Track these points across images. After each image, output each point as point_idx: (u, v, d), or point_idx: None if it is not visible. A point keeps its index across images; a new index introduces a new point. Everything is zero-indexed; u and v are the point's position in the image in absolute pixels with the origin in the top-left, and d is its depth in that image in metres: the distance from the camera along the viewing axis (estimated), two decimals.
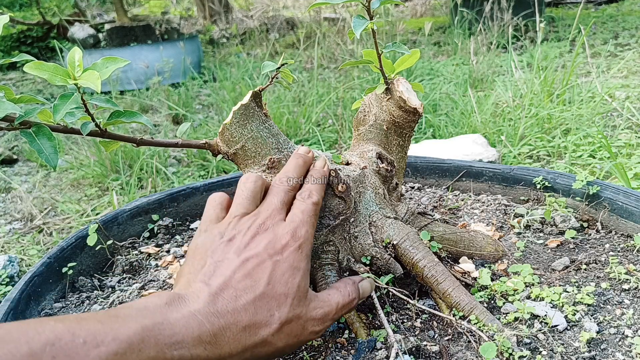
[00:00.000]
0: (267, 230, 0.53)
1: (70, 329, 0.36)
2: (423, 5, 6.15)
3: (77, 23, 4.76)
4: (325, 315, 0.53)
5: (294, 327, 0.49)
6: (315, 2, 0.65)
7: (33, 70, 0.54)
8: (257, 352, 0.47)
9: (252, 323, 0.46)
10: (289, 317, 0.49)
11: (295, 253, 0.51)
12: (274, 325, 0.47)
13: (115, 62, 0.58)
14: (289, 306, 0.49)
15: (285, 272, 0.49)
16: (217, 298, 0.46)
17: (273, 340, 0.47)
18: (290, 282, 0.49)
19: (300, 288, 0.50)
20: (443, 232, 0.79)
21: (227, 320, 0.45)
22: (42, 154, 0.57)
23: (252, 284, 0.48)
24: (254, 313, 0.46)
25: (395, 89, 0.74)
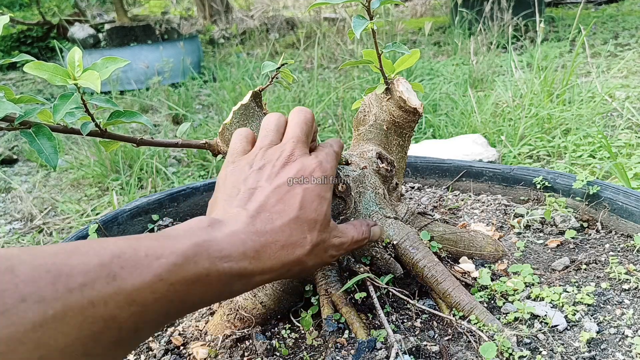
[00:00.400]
0: (295, 160, 0.56)
1: (131, 244, 0.39)
2: (423, 5, 6.15)
3: (77, 23, 4.76)
4: (342, 244, 0.58)
5: (320, 250, 0.54)
6: (315, 2, 0.65)
7: (33, 70, 0.55)
8: (292, 269, 0.51)
9: (289, 243, 0.50)
10: (318, 240, 0.53)
11: (322, 184, 0.55)
12: (306, 247, 0.51)
13: (115, 62, 0.58)
14: (317, 231, 0.53)
15: (315, 200, 0.53)
16: (255, 220, 0.49)
17: (305, 259, 0.52)
18: (318, 209, 0.53)
19: (326, 215, 0.54)
20: (443, 232, 0.79)
21: (266, 239, 0.48)
22: (42, 154, 0.57)
23: (286, 208, 0.51)
24: (290, 234, 0.50)
25: (395, 89, 0.74)
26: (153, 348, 0.68)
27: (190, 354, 0.66)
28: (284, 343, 0.66)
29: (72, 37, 4.33)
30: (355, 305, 0.68)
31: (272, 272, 0.49)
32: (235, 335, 0.66)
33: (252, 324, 0.68)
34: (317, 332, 0.67)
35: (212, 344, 0.67)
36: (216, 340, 0.67)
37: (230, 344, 0.66)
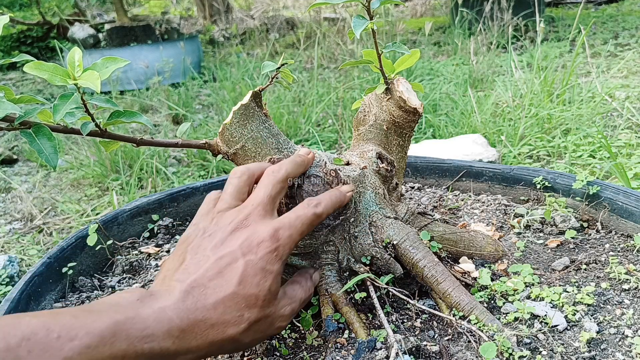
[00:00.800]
0: (247, 226, 0.53)
1: (45, 324, 0.38)
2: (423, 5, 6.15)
3: (77, 23, 4.76)
4: (292, 311, 0.55)
5: (262, 325, 0.51)
6: (315, 2, 0.65)
7: (33, 70, 0.54)
8: (224, 347, 0.49)
9: (221, 322, 0.47)
10: (258, 317, 0.50)
11: (270, 255, 0.51)
12: (242, 325, 0.48)
13: (115, 62, 0.58)
14: (258, 307, 0.49)
15: (257, 274, 0.50)
16: (187, 295, 0.47)
17: (240, 337, 0.49)
18: (261, 284, 0.50)
19: (270, 291, 0.51)
20: (443, 232, 0.79)
21: (195, 317, 0.46)
22: (42, 154, 0.57)
23: (223, 283, 0.48)
24: (223, 312, 0.47)
25: (395, 89, 0.74)
26: None
27: None
28: (284, 343, 0.66)
29: (72, 37, 4.33)
30: (355, 305, 0.68)
31: (198, 351, 0.46)
32: None
33: None
34: (317, 332, 0.67)
35: None
36: None
37: None
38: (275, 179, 0.58)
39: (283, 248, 0.53)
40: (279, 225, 0.53)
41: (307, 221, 0.56)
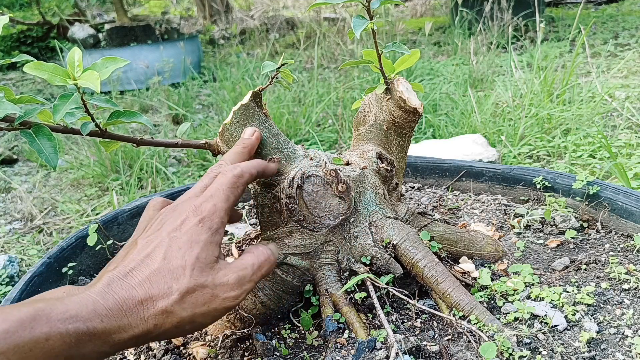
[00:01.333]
0: (175, 211, 0.55)
1: None
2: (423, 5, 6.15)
3: (77, 23, 4.76)
4: (241, 279, 0.53)
5: (200, 296, 0.50)
6: (315, 2, 0.65)
7: (33, 70, 0.55)
8: (160, 322, 0.48)
9: (149, 296, 0.48)
10: (190, 287, 0.49)
11: (195, 227, 0.52)
12: (173, 296, 0.48)
13: (114, 62, 0.58)
14: (188, 277, 0.49)
15: (183, 246, 0.51)
16: (112, 280, 0.48)
17: (175, 309, 0.48)
18: (187, 254, 0.50)
19: (200, 259, 0.51)
20: (443, 232, 0.79)
21: (121, 296, 0.47)
22: (42, 154, 0.57)
23: (149, 262, 0.50)
24: (150, 287, 0.48)
25: (395, 89, 0.74)
26: (153, 348, 0.68)
27: (190, 354, 0.66)
28: (284, 343, 0.66)
29: (72, 37, 4.33)
30: (355, 305, 0.68)
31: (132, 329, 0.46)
32: (235, 335, 0.66)
33: (252, 323, 0.68)
34: (317, 332, 0.67)
35: (212, 344, 0.67)
36: (216, 340, 0.67)
37: (230, 344, 0.66)
38: (212, 173, 0.60)
39: (209, 218, 0.53)
40: (201, 200, 0.55)
41: (228, 185, 0.57)
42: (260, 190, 0.69)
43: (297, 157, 0.70)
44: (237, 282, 0.53)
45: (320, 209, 0.67)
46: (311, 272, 0.70)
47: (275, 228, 0.70)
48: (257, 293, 0.69)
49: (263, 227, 0.72)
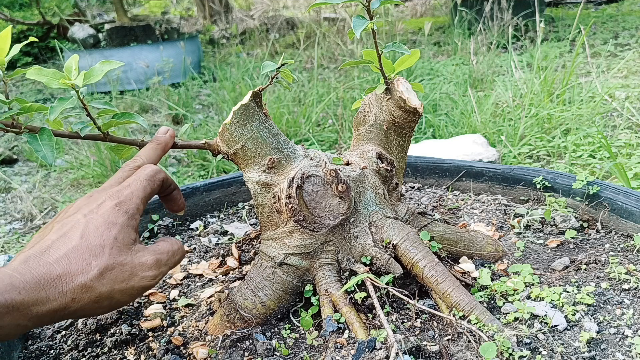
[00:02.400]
0: (90, 197, 0.58)
1: None
2: (423, 5, 6.15)
3: (77, 23, 4.76)
4: (158, 261, 0.57)
5: (119, 273, 0.53)
6: (315, 2, 0.65)
7: (34, 75, 0.58)
8: (79, 297, 0.50)
9: (67, 272, 0.49)
10: (110, 264, 0.52)
11: (112, 210, 0.55)
12: (92, 272, 0.51)
13: (109, 64, 0.61)
14: (107, 255, 0.52)
15: (100, 226, 0.53)
16: (30, 258, 0.50)
17: (94, 285, 0.51)
18: (105, 234, 0.53)
19: (118, 240, 0.54)
20: (443, 232, 0.79)
21: (38, 271, 0.48)
22: (39, 152, 0.58)
23: (66, 240, 0.52)
24: (68, 263, 0.50)
25: (395, 89, 0.74)
26: (153, 348, 0.68)
27: (190, 354, 0.66)
28: (284, 343, 0.66)
29: (72, 37, 4.33)
30: (355, 305, 0.68)
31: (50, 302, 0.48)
32: (235, 335, 0.66)
33: (252, 324, 0.68)
34: (317, 332, 0.67)
35: (212, 344, 0.67)
36: (216, 340, 0.67)
37: (230, 344, 0.66)
38: (127, 167, 0.63)
39: (127, 203, 0.57)
40: (120, 187, 0.59)
41: (147, 177, 0.61)
42: (260, 190, 0.69)
43: (297, 157, 0.70)
44: (154, 263, 0.56)
45: (320, 209, 0.67)
46: (311, 272, 0.70)
47: (275, 228, 0.70)
48: (257, 293, 0.69)
49: (263, 227, 0.72)
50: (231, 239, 0.98)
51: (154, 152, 0.66)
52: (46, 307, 0.48)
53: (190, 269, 0.88)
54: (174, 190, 0.68)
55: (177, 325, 0.73)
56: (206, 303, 0.77)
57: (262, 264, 0.70)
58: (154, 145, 0.67)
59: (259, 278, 0.69)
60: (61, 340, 0.72)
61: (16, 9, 5.76)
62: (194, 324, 0.72)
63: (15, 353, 0.70)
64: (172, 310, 0.77)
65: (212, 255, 0.92)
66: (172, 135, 0.69)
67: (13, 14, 5.52)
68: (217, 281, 0.83)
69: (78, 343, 0.70)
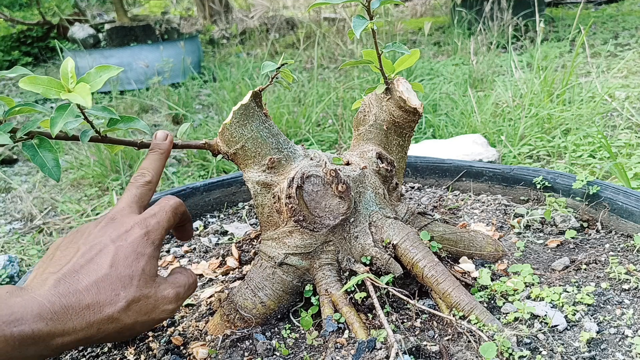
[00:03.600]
0: (114, 220, 0.57)
1: None
2: (423, 5, 6.15)
3: (77, 23, 4.76)
4: (177, 295, 0.57)
5: (144, 306, 0.53)
6: (315, 2, 0.65)
7: (28, 85, 0.55)
8: (104, 328, 0.50)
9: (96, 302, 0.49)
10: (137, 296, 0.52)
11: (141, 239, 0.55)
12: (120, 304, 0.50)
13: (108, 71, 0.59)
14: (135, 287, 0.52)
15: (129, 256, 0.53)
16: (59, 283, 0.49)
17: (120, 317, 0.50)
18: (134, 265, 0.53)
19: (145, 271, 0.53)
20: (443, 232, 0.79)
21: (68, 300, 0.47)
22: (44, 168, 0.57)
23: (95, 267, 0.51)
24: (97, 293, 0.49)
25: (395, 89, 0.74)
26: (153, 348, 0.68)
27: (190, 354, 0.66)
28: (284, 343, 0.66)
29: (72, 37, 4.33)
30: (355, 305, 0.68)
31: (76, 333, 0.47)
32: (235, 335, 0.66)
33: (252, 324, 0.68)
34: (317, 332, 0.67)
35: (212, 344, 0.67)
36: (216, 340, 0.67)
37: (230, 344, 0.66)
38: (138, 183, 0.63)
39: (154, 233, 0.56)
40: (147, 216, 0.58)
41: (171, 208, 0.61)
42: (260, 190, 0.69)
43: (297, 157, 0.70)
44: (174, 297, 0.56)
45: (320, 209, 0.67)
46: (311, 272, 0.70)
47: (275, 228, 0.70)
48: (257, 293, 0.69)
49: (263, 227, 0.72)
50: (231, 239, 0.98)
51: (159, 162, 0.66)
52: (71, 337, 0.47)
53: (190, 269, 0.88)
54: (187, 223, 0.68)
55: (177, 325, 0.73)
56: (206, 303, 0.77)
57: (262, 264, 0.70)
58: (157, 155, 0.67)
59: (259, 278, 0.69)
60: None
61: (16, 9, 5.76)
62: (194, 324, 0.72)
63: None
64: None
65: (212, 255, 0.92)
66: (171, 141, 0.69)
67: (13, 14, 5.52)
68: (217, 281, 0.83)
69: None
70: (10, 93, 4.21)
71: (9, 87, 4.42)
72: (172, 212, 0.61)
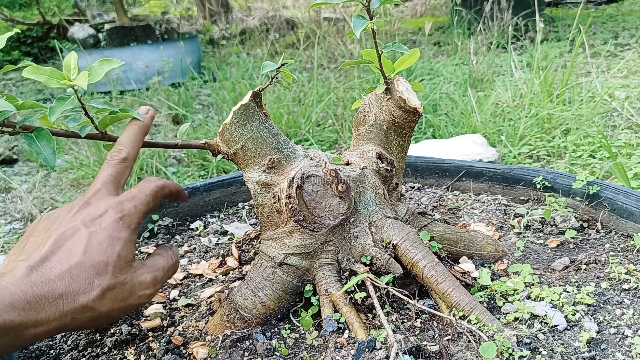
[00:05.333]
0: (89, 205, 0.54)
1: None
2: (423, 5, 6.15)
3: (77, 23, 4.76)
4: (155, 279, 0.55)
5: (120, 293, 0.51)
6: (315, 2, 0.65)
7: (31, 74, 0.55)
8: (78, 317, 0.48)
9: (69, 291, 0.47)
10: (112, 283, 0.50)
11: (116, 224, 0.53)
12: (94, 292, 0.48)
13: (109, 64, 0.59)
14: (110, 274, 0.50)
15: (103, 242, 0.51)
16: (32, 271, 0.47)
17: (95, 305, 0.49)
18: (109, 250, 0.51)
19: (121, 257, 0.52)
20: (443, 232, 0.79)
21: (41, 290, 0.46)
22: (40, 154, 0.57)
23: (68, 255, 0.49)
24: (71, 281, 0.48)
25: (395, 89, 0.74)
26: (153, 348, 0.68)
27: (190, 354, 0.66)
28: (284, 343, 0.66)
29: (72, 37, 4.33)
30: (355, 305, 0.68)
31: (49, 323, 0.46)
32: (235, 335, 0.66)
33: (252, 324, 0.68)
34: (317, 332, 0.67)
35: (212, 344, 0.67)
36: (216, 340, 0.67)
37: (230, 344, 0.66)
38: (114, 161, 0.59)
39: (129, 217, 0.54)
40: (123, 199, 0.55)
41: (151, 191, 0.59)
42: (260, 190, 0.69)
43: (297, 157, 0.70)
44: (152, 282, 0.55)
45: (320, 209, 0.67)
46: (311, 272, 0.70)
47: (275, 228, 0.70)
48: (257, 293, 0.69)
49: (263, 227, 0.72)
50: (231, 239, 0.98)
51: (136, 137, 0.62)
52: (44, 327, 0.46)
53: (190, 269, 0.88)
54: (177, 193, 0.66)
55: (177, 325, 0.73)
56: (206, 303, 0.77)
57: (262, 264, 0.70)
58: (135, 128, 0.63)
59: (259, 278, 0.69)
60: (61, 340, 0.72)
61: (16, 9, 5.76)
62: (194, 324, 0.72)
63: (14, 353, 0.70)
64: (172, 310, 0.77)
65: (212, 255, 0.92)
66: (152, 116, 0.65)
67: (13, 14, 5.52)
68: (217, 281, 0.83)
69: (78, 343, 0.70)
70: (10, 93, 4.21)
71: (9, 87, 4.42)
72: (151, 195, 0.58)
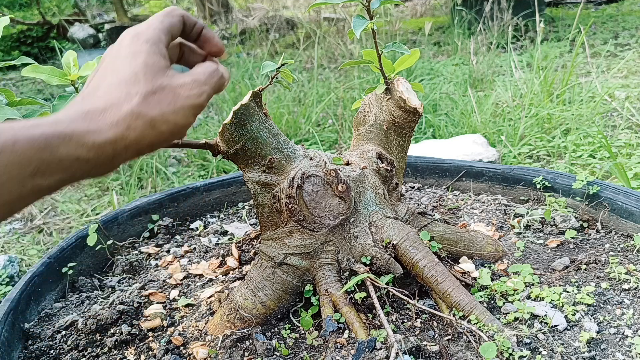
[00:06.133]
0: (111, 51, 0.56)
1: None
2: (423, 5, 6.15)
3: (77, 23, 4.76)
4: (197, 80, 0.55)
5: (162, 96, 0.52)
6: (315, 2, 0.65)
7: (31, 73, 0.56)
8: (133, 124, 0.50)
9: (110, 104, 0.50)
10: (149, 89, 0.51)
11: (132, 41, 0.54)
12: (135, 99, 0.50)
13: None
14: (143, 81, 0.51)
15: (126, 58, 0.53)
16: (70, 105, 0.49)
17: (142, 109, 0.50)
18: (133, 63, 0.52)
19: (148, 64, 0.53)
20: (443, 232, 0.79)
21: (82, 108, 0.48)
22: None
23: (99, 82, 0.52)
24: (109, 96, 0.50)
25: (395, 89, 0.74)
26: (153, 348, 0.68)
27: (190, 354, 0.66)
28: (284, 343, 0.66)
29: (72, 37, 4.34)
30: (355, 305, 0.68)
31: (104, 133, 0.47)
32: (235, 335, 0.66)
33: (252, 324, 0.68)
34: (317, 332, 0.67)
35: (212, 344, 0.67)
36: (216, 340, 0.67)
37: (230, 344, 0.66)
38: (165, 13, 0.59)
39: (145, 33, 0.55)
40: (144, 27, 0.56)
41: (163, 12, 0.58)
42: (260, 190, 0.69)
43: (297, 157, 0.70)
44: (193, 82, 0.55)
45: (320, 209, 0.67)
46: (311, 272, 0.70)
47: (275, 228, 0.70)
48: (257, 293, 0.69)
49: (263, 227, 0.72)
50: (231, 239, 0.98)
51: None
52: (102, 136, 0.47)
53: (190, 269, 0.88)
54: (202, 29, 0.63)
55: (177, 325, 0.73)
56: (206, 303, 0.77)
57: (262, 264, 0.70)
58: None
59: (259, 278, 0.69)
60: (61, 340, 0.72)
61: (16, 9, 5.76)
62: (194, 324, 0.72)
63: (15, 353, 0.70)
64: (172, 310, 0.77)
65: (212, 255, 0.92)
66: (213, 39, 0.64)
67: (13, 13, 5.52)
68: (217, 281, 0.83)
69: (78, 343, 0.70)
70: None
71: (9, 87, 4.42)
72: (163, 14, 0.58)
